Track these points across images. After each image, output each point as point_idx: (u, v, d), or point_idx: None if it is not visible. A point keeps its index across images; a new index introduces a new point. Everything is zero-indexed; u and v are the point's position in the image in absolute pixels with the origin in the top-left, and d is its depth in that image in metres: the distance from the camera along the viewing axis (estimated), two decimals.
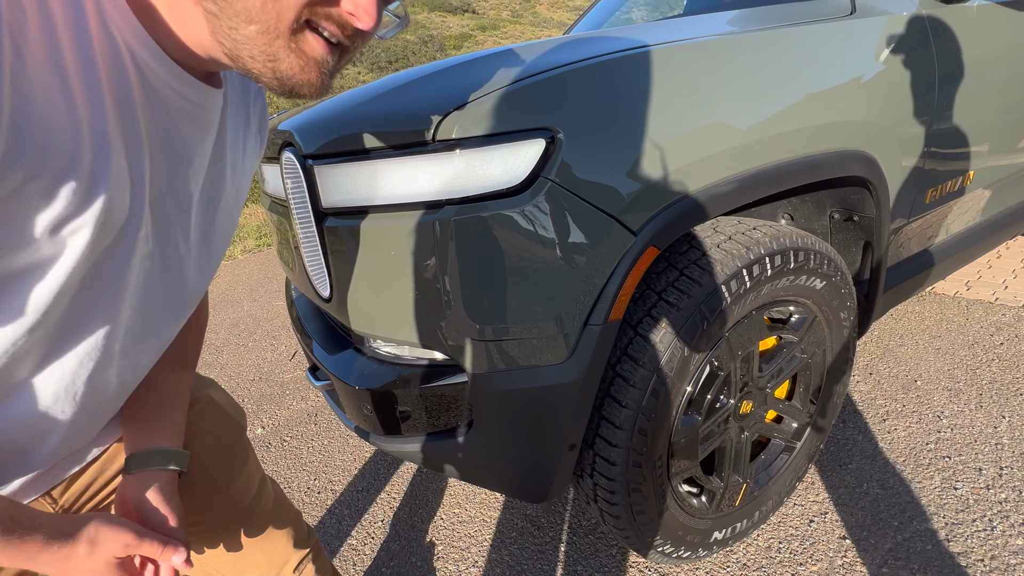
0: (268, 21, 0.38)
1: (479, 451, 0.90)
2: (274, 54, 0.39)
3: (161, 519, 0.51)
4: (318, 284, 0.96)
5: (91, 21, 0.36)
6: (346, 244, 0.86)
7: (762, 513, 1.20)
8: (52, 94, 0.34)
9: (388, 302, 0.85)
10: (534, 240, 0.75)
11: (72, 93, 0.35)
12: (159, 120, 0.42)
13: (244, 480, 0.67)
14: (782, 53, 0.95)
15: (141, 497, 0.51)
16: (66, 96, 0.35)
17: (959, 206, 1.43)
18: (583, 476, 0.99)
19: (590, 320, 0.81)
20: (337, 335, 1.10)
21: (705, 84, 0.86)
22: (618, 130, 0.78)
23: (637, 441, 0.90)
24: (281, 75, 0.40)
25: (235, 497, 0.65)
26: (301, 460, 1.69)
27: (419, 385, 0.89)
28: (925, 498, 1.26)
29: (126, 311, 0.45)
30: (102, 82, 0.37)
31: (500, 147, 0.73)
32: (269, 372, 2.30)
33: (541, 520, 1.34)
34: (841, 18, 1.06)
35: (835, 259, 1.06)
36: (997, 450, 1.37)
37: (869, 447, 1.44)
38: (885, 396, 1.63)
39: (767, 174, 0.91)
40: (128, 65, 0.38)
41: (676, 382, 0.90)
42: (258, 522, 0.68)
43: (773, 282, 0.96)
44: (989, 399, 1.56)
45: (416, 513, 1.42)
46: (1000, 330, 1.89)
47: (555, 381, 0.82)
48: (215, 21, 0.38)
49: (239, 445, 0.68)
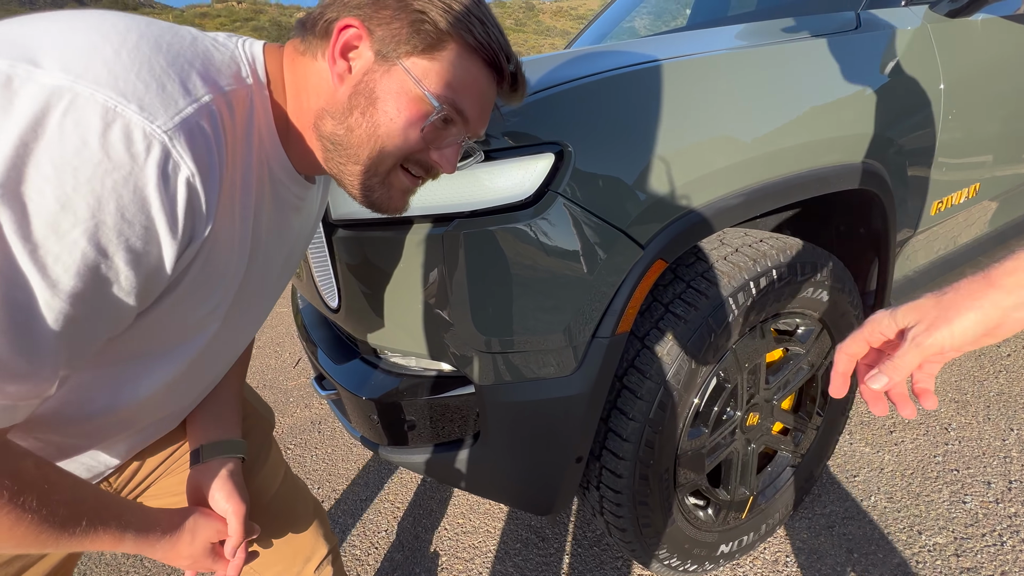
0: (370, 166, 0.50)
1: (485, 463, 0.90)
2: (370, 187, 0.52)
3: (235, 503, 0.58)
4: (327, 295, 0.97)
5: (254, 156, 0.47)
6: (355, 256, 0.86)
7: (769, 526, 1.19)
8: (225, 220, 0.44)
9: (396, 314, 0.85)
10: (543, 253, 0.76)
11: (234, 215, 0.46)
12: (277, 215, 0.54)
13: (267, 472, 0.72)
14: (788, 67, 0.96)
15: (212, 483, 0.58)
16: (232, 218, 0.45)
17: (965, 218, 1.42)
18: (589, 488, 0.99)
19: (598, 333, 0.81)
20: (344, 344, 1.10)
21: (712, 98, 0.86)
22: (626, 144, 0.78)
23: (644, 453, 0.90)
24: (372, 200, 0.53)
25: (257, 489, 0.69)
26: (305, 468, 1.69)
27: (426, 396, 0.89)
28: (934, 512, 1.25)
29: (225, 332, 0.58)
30: (252, 201, 0.48)
31: (510, 161, 0.74)
32: (273, 379, 2.30)
33: (546, 531, 1.33)
34: (846, 32, 1.07)
35: (841, 271, 1.06)
36: (1006, 463, 1.36)
37: (876, 459, 1.43)
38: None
39: (773, 187, 0.91)
40: (267, 183, 0.50)
41: (683, 394, 0.90)
42: (280, 515, 0.72)
43: (780, 294, 0.96)
44: (997, 411, 1.55)
45: (420, 523, 1.41)
46: (1007, 341, 1.88)
47: (562, 393, 0.82)
48: (328, 155, 0.51)
49: (265, 440, 0.74)
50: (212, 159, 0.40)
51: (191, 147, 0.38)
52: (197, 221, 0.41)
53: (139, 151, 0.35)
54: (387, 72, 0.47)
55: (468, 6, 0.48)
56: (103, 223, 0.35)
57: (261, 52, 0.48)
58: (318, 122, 0.49)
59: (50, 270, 0.34)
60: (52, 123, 0.33)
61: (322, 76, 0.48)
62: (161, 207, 0.37)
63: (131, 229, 0.36)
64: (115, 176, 0.35)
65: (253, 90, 0.46)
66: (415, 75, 0.47)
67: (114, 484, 0.61)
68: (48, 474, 0.41)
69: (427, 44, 0.47)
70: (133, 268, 0.38)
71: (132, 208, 0.36)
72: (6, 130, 0.32)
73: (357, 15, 0.47)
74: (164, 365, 0.50)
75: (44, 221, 0.33)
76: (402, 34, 0.47)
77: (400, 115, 0.48)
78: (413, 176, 0.53)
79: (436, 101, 0.48)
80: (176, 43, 0.40)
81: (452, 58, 0.48)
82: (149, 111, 0.36)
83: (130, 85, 0.36)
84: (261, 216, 0.50)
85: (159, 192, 0.37)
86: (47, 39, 0.35)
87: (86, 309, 0.37)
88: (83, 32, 0.36)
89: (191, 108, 0.38)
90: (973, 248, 1.52)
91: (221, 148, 0.41)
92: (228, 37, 0.47)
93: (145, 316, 0.44)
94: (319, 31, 0.48)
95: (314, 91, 0.49)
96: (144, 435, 0.59)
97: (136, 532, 0.47)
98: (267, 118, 0.48)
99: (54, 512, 0.40)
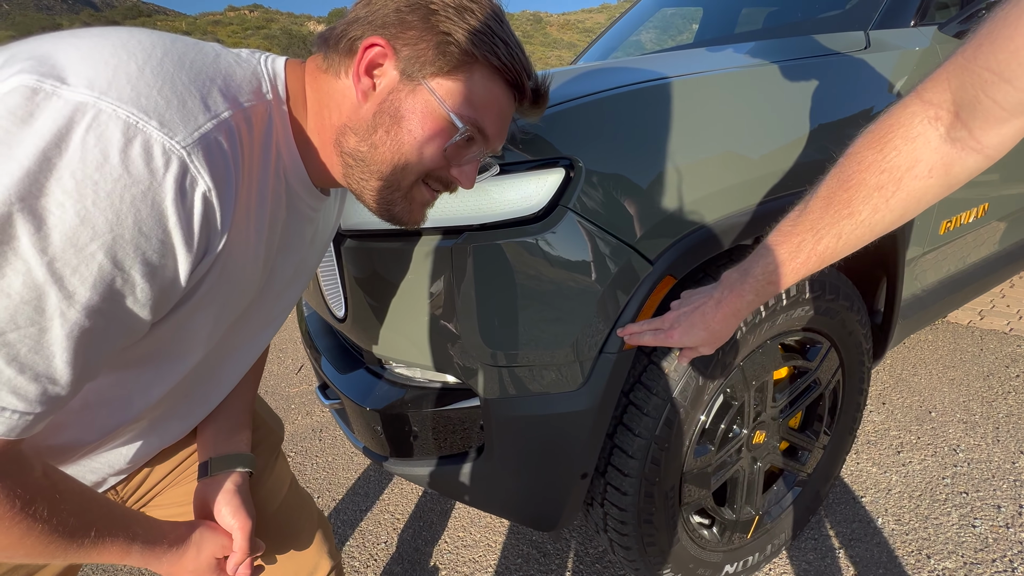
0: (393, 182, 0.51)
1: (489, 477, 0.89)
2: (392, 201, 0.53)
3: (241, 519, 0.57)
4: (333, 305, 0.97)
5: (272, 170, 0.47)
6: (363, 266, 0.87)
7: (775, 546, 1.17)
8: (240, 234, 0.45)
9: (403, 325, 0.85)
10: (551, 267, 0.76)
11: (249, 228, 0.46)
12: (292, 226, 0.54)
13: (272, 484, 0.71)
14: (798, 85, 0.96)
15: (219, 497, 0.58)
16: (247, 231, 0.46)
17: (974, 237, 1.42)
18: (593, 505, 0.98)
19: (605, 348, 0.80)
20: (348, 354, 1.10)
21: (722, 116, 0.87)
22: (636, 160, 0.78)
23: (649, 471, 0.89)
24: (392, 214, 0.54)
25: (262, 501, 0.68)
26: (305, 477, 1.68)
27: (430, 408, 0.89)
28: (943, 535, 1.23)
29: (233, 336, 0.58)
30: (267, 213, 0.48)
31: (520, 175, 0.74)
32: (275, 386, 2.30)
33: (547, 547, 1.32)
34: (856, 52, 1.07)
35: (850, 290, 1.05)
36: (1016, 487, 1.34)
37: (884, 480, 1.41)
38: (899, 427, 1.60)
39: (782, 205, 0.91)
40: (283, 195, 0.50)
41: (689, 411, 0.89)
42: (284, 528, 0.71)
43: (788, 312, 0.95)
44: (1006, 433, 1.53)
45: (420, 536, 1.40)
46: (1015, 362, 1.86)
47: (568, 408, 0.82)
48: (349, 170, 0.51)
49: (272, 452, 0.73)
50: (229, 174, 0.41)
51: (208, 162, 0.38)
52: (212, 235, 0.41)
53: (158, 166, 0.36)
54: (412, 92, 0.48)
55: (493, 28, 0.49)
56: (121, 237, 0.35)
57: (283, 68, 0.49)
58: (340, 138, 0.50)
59: (67, 282, 0.34)
60: (75, 138, 0.33)
61: (345, 93, 0.49)
62: (178, 221, 0.38)
63: (148, 243, 0.37)
64: (134, 191, 0.35)
65: (272, 105, 0.47)
66: (440, 95, 0.48)
67: (121, 493, 0.61)
68: (57, 483, 0.41)
69: (452, 65, 0.48)
70: (148, 281, 0.38)
71: (150, 222, 0.36)
72: (30, 143, 0.32)
73: (383, 34, 0.47)
74: (174, 370, 0.50)
75: (63, 234, 0.34)
76: (428, 55, 0.47)
77: (424, 134, 0.49)
78: (432, 190, 0.55)
79: (460, 122, 0.49)
80: (199, 60, 0.41)
81: (476, 79, 0.49)
82: (169, 127, 0.37)
83: (152, 102, 0.36)
84: (276, 227, 0.51)
85: (176, 206, 0.37)
86: (75, 55, 0.36)
87: (101, 321, 0.37)
88: (110, 49, 0.37)
89: (210, 124, 0.39)
90: (982, 267, 1.51)
91: (238, 162, 0.42)
92: (251, 53, 0.48)
93: (159, 326, 0.44)
94: (343, 48, 0.49)
95: (336, 107, 0.49)
96: (151, 443, 0.58)
97: (143, 544, 0.47)
98: (286, 132, 0.49)
99: (64, 522, 0.40)
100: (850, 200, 0.56)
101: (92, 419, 0.48)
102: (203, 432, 0.63)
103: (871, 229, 0.56)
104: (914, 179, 0.52)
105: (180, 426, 0.60)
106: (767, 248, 0.63)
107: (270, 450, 0.72)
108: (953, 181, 0.52)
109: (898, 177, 0.52)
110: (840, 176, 0.57)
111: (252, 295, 0.52)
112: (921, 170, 0.51)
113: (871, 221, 0.56)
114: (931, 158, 0.51)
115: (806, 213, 0.60)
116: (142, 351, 0.46)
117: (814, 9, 1.51)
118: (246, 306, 0.53)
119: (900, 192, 0.53)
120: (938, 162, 0.51)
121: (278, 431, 0.76)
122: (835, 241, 0.58)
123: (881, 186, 0.53)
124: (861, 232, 0.57)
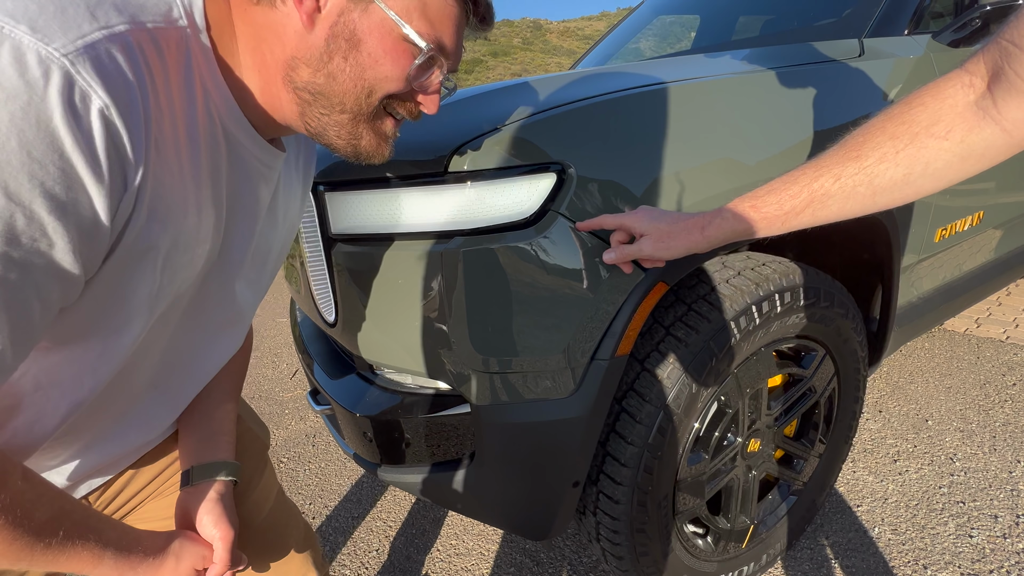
0: (357, 112, 0.47)
1: (480, 485, 0.88)
2: (358, 134, 0.49)
3: (223, 529, 0.55)
4: (324, 309, 0.96)
5: (199, 108, 0.43)
6: (353, 271, 0.86)
7: (770, 556, 1.16)
8: (172, 176, 0.41)
9: (393, 330, 0.84)
10: (543, 273, 0.75)
11: (183, 172, 0.42)
12: (241, 183, 0.50)
13: (259, 495, 0.69)
14: (792, 92, 0.96)
15: (200, 507, 0.56)
16: (180, 175, 0.41)
17: (970, 245, 1.42)
18: (586, 514, 0.96)
19: (597, 354, 0.80)
20: (340, 359, 1.09)
21: (716, 122, 0.86)
22: (628, 165, 0.78)
23: (642, 479, 0.88)
24: (359, 150, 0.50)
25: (248, 512, 0.66)
26: (297, 483, 1.66)
27: (421, 415, 0.88)
28: (939, 546, 1.22)
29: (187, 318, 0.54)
30: (202, 158, 0.44)
31: (511, 180, 0.73)
32: (269, 390, 2.28)
33: (540, 555, 1.30)
34: (850, 60, 1.08)
35: (845, 297, 1.05)
36: (1013, 496, 1.33)
37: (880, 489, 1.40)
38: (896, 435, 1.60)
39: None
40: (221, 141, 0.46)
41: (683, 419, 0.88)
42: (270, 539, 0.70)
43: (783, 319, 0.95)
44: (1003, 442, 1.52)
45: (412, 544, 1.38)
46: (1012, 370, 1.86)
47: (560, 415, 0.81)
48: (307, 108, 0.47)
49: (259, 461, 0.71)
50: (132, 94, 0.35)
51: (100, 75, 0.33)
52: (125, 164, 0.36)
53: (35, 76, 0.31)
54: (365, 11, 0.43)
55: None
56: (8, 164, 0.30)
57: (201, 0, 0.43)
58: (290, 73, 0.45)
59: None
60: None
61: (285, 22, 0.43)
62: (75, 144, 0.33)
63: (44, 171, 0.32)
64: (11, 107, 0.30)
65: (189, 35, 0.41)
66: (396, 13, 0.44)
67: (95, 503, 0.59)
68: (25, 473, 0.39)
69: None
70: (60, 219, 0.33)
71: (40, 145, 0.31)
72: None
73: None
74: (120, 344, 0.46)
75: None
76: None
77: (386, 56, 0.45)
78: (396, 120, 0.51)
79: (422, 40, 0.45)
80: None
81: None
82: (43, 32, 0.31)
83: (20, 6, 0.31)
84: (219, 178, 0.46)
85: (69, 127, 0.32)
86: None
87: (15, 270, 0.33)
88: None
89: (98, 34, 0.34)
90: (978, 275, 1.51)
91: (143, 85, 0.36)
92: None
93: (95, 283, 0.40)
94: None
95: (277, 39, 0.44)
96: (127, 439, 0.56)
97: (116, 551, 0.44)
98: (210, 66, 0.43)
99: (28, 514, 0.38)
100: (862, 144, 0.55)
101: (46, 402, 0.44)
102: (184, 439, 0.61)
103: (870, 182, 0.55)
104: (930, 137, 0.52)
105: (155, 420, 0.58)
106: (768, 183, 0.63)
107: (256, 458, 0.71)
108: (967, 151, 0.51)
109: (915, 132, 0.52)
110: (866, 125, 0.57)
111: (202, 258, 0.47)
112: (939, 130, 0.51)
113: (873, 172, 0.55)
114: (952, 120, 0.51)
115: (822, 155, 0.60)
116: (83, 317, 0.42)
117: (809, 17, 1.52)
118: (200, 275, 0.49)
119: (911, 147, 0.53)
120: (958, 125, 0.51)
121: (264, 437, 0.74)
122: (832, 182, 0.57)
123: (896, 136, 0.53)
124: (858, 182, 0.56)
